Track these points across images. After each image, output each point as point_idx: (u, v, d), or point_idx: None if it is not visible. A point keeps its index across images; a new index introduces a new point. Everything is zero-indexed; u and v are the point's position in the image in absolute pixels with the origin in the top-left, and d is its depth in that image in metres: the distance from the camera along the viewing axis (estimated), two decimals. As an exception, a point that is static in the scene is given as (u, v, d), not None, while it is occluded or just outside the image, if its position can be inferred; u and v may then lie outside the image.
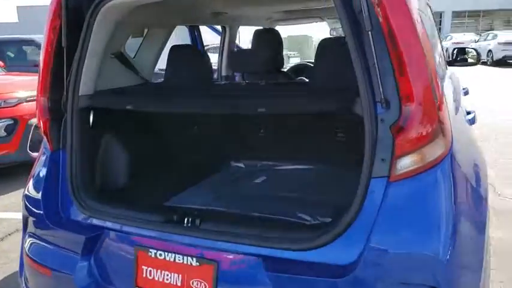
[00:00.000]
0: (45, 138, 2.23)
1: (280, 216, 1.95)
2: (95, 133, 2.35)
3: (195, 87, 2.49)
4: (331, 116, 2.06)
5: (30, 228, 2.19)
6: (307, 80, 3.06)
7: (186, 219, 1.82)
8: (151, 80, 2.91)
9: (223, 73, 4.16)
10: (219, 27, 4.29)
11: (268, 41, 2.96)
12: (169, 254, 1.78)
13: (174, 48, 2.67)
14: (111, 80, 2.40)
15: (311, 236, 1.61)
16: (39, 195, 2.13)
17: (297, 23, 4.76)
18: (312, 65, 2.85)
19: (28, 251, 2.16)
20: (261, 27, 4.01)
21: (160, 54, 3.06)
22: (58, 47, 2.16)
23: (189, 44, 3.56)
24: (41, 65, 2.22)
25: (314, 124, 2.33)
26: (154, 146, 2.88)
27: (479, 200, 1.71)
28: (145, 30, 3.01)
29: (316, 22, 4.62)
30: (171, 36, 3.11)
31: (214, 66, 4.77)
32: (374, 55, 1.52)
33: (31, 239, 2.17)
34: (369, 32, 1.52)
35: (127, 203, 2.09)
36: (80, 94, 2.18)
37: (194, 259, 1.73)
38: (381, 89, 1.54)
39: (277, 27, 4.29)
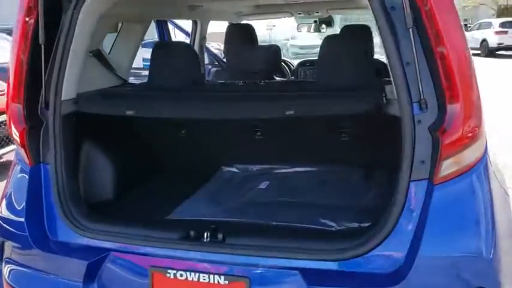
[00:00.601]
0: (21, 152, 1.92)
1: (303, 224, 1.84)
2: (80, 142, 2.09)
3: (195, 89, 2.29)
4: (337, 116, 1.99)
5: (9, 253, 1.89)
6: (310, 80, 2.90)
7: (205, 234, 1.65)
8: (128, 80, 2.66)
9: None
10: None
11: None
12: (192, 274, 1.61)
13: (160, 45, 2.44)
14: (88, 81, 2.13)
15: (351, 244, 1.52)
16: (20, 217, 1.84)
17: (266, 18, 4.64)
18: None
19: (9, 279, 1.87)
20: (233, 22, 3.88)
21: (136, 52, 2.80)
22: (34, 44, 1.87)
23: (180, 41, 3.29)
24: (13, 64, 1.90)
25: (316, 124, 2.25)
26: (139, 153, 2.64)
27: (506, 198, 1.73)
28: (119, 25, 2.74)
29: (285, 17, 4.56)
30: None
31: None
32: (414, 53, 1.47)
33: (10, 265, 1.87)
34: (410, 29, 1.47)
35: (127, 220, 1.87)
36: (62, 99, 1.91)
37: (222, 277, 1.58)
38: (420, 89, 1.49)
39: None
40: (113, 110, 1.97)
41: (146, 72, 2.47)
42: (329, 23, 4.84)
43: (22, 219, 1.83)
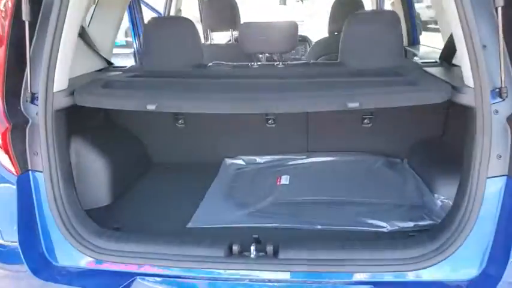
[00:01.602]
0: (4, 160, 1.52)
1: (351, 227, 1.65)
2: (71, 140, 1.72)
3: (208, 74, 1.97)
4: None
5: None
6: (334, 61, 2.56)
7: (251, 248, 1.40)
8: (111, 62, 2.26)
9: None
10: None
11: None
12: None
13: (155, 21, 2.07)
14: (72, 65, 1.74)
15: (428, 250, 1.36)
16: (12, 241, 1.46)
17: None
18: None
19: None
20: None
21: (118, 28, 2.38)
22: (15, 22, 1.47)
23: (178, 16, 2.85)
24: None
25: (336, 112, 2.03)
26: (133, 147, 2.29)
27: None
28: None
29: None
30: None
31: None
32: (500, 35, 1.29)
33: None
34: (499, 8, 1.28)
35: (147, 234, 1.56)
36: (55, 90, 1.53)
37: (282, 297, 1.35)
38: (502, 76, 1.32)
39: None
40: (128, 103, 1.61)
41: None
42: None
43: (15, 244, 1.45)
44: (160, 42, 2.07)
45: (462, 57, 1.40)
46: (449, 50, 2.00)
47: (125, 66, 2.22)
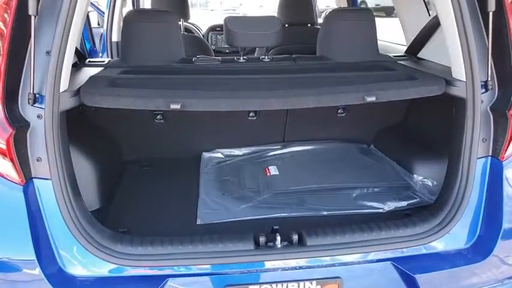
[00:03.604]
0: (8, 167, 1.37)
1: (352, 210, 1.78)
2: (74, 142, 1.61)
3: (207, 70, 1.93)
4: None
5: None
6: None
7: (277, 239, 1.47)
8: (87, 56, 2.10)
9: (115, 39, 3.33)
10: None
11: None
12: (279, 286, 1.43)
13: (134, 14, 1.96)
14: None
15: (434, 224, 1.54)
16: (30, 254, 1.34)
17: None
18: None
19: None
20: None
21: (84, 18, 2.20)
22: (18, 16, 1.33)
23: (158, 9, 2.64)
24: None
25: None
26: (112, 148, 2.17)
27: None
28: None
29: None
30: None
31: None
32: (490, 36, 1.49)
33: None
34: (490, 13, 1.48)
35: (168, 237, 1.52)
36: (61, 90, 1.41)
37: (314, 282, 1.44)
38: (489, 71, 1.53)
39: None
40: (151, 103, 1.53)
41: None
42: None
43: (32, 258, 1.34)
44: (142, 36, 1.99)
45: (454, 54, 1.59)
46: (417, 45, 2.24)
47: (102, 61, 2.08)
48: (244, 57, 2.14)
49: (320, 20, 4.50)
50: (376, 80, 1.73)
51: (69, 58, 1.44)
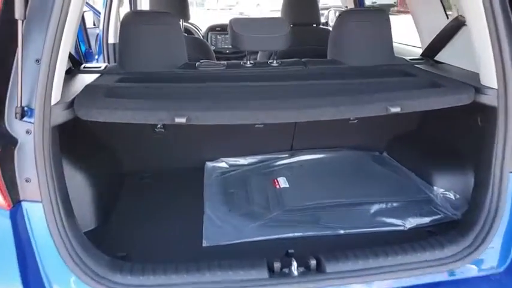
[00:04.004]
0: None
1: (371, 228, 1.65)
2: (68, 154, 1.46)
3: (214, 76, 1.78)
4: None
5: None
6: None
7: (293, 264, 1.33)
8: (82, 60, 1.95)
9: (111, 40, 3.18)
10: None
11: None
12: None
13: (133, 16, 1.82)
14: None
15: (464, 246, 1.41)
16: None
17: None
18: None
19: None
20: None
21: (79, 21, 2.05)
22: (5, 21, 1.18)
23: (157, 11, 2.48)
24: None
25: None
26: (110, 160, 2.02)
27: None
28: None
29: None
30: None
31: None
32: None
33: None
34: None
35: (172, 264, 1.38)
36: (53, 103, 1.26)
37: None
38: None
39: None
40: (153, 116, 1.38)
41: None
42: None
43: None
44: (141, 40, 1.84)
45: (483, 59, 1.46)
46: (435, 47, 2.10)
47: (98, 67, 1.93)
48: (251, 61, 1.99)
49: (323, 19, 4.38)
50: (398, 88, 1.60)
51: (62, 66, 1.30)
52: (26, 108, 1.25)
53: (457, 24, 1.92)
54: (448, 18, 2.11)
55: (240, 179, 2.11)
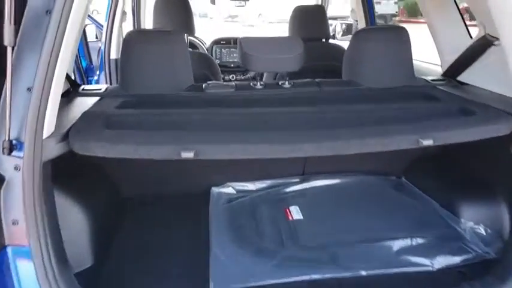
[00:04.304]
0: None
1: (396, 268, 1.49)
2: (61, 184, 1.32)
3: (220, 100, 1.64)
4: None
5: None
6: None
7: None
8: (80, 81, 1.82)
9: (114, 56, 3.05)
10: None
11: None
12: None
13: (138, 34, 1.69)
14: None
15: None
16: None
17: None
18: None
19: None
20: None
21: (78, 41, 1.92)
22: None
23: (165, 30, 2.35)
24: None
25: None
26: (106, 187, 1.87)
27: None
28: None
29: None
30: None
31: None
32: None
33: None
34: None
35: None
36: (44, 136, 1.13)
37: None
38: None
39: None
40: (156, 151, 1.24)
41: None
42: None
43: None
44: (145, 60, 1.71)
45: None
46: (458, 67, 1.97)
47: (98, 89, 1.79)
48: (261, 82, 1.86)
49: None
50: (426, 115, 1.46)
51: (56, 94, 1.17)
52: (14, 142, 1.12)
53: (485, 44, 1.79)
54: (471, 37, 1.98)
55: (249, 208, 1.96)
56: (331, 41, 3.41)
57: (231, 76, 4.11)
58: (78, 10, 1.18)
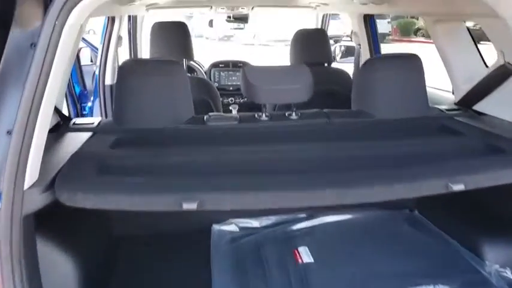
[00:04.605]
0: None
1: None
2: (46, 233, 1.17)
3: (224, 136, 1.52)
4: None
5: None
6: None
7: None
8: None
9: (109, 82, 2.93)
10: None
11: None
12: None
13: (133, 64, 1.57)
14: None
15: None
16: None
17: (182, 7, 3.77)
18: None
19: None
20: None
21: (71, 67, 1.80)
22: None
23: (164, 59, 2.23)
24: None
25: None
26: (100, 228, 1.72)
27: None
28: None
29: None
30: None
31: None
32: None
33: None
34: None
35: None
36: (26, 187, 0.99)
37: None
38: None
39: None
40: (156, 202, 1.10)
41: None
42: (246, 19, 4.35)
43: None
44: (142, 92, 1.59)
45: None
46: (474, 96, 1.86)
47: (91, 123, 1.66)
48: (266, 113, 1.74)
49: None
50: (451, 153, 1.33)
51: (41, 137, 1.03)
52: (-8, 194, 0.98)
53: (504, 73, 1.69)
54: (486, 65, 1.89)
55: (254, 249, 1.81)
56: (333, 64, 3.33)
57: (229, 99, 4.05)
58: (68, 41, 1.06)
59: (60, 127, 1.59)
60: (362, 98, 1.82)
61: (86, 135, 1.52)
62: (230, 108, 4.13)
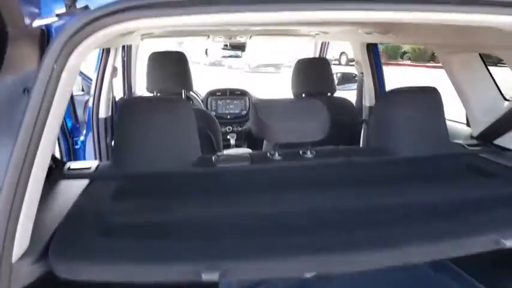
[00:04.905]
0: None
1: None
2: None
3: (234, 182, 1.38)
4: None
5: None
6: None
7: None
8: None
9: (103, 115, 2.79)
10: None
11: None
12: None
13: (135, 103, 1.44)
14: None
15: None
16: None
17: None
18: None
19: None
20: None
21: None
22: None
23: (168, 97, 2.10)
24: None
25: None
26: None
27: None
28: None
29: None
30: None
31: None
32: None
33: None
34: None
35: None
36: (14, 259, 0.84)
37: None
38: None
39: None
40: (169, 272, 0.95)
41: None
42: (243, 47, 4.29)
43: None
44: (146, 133, 1.45)
45: None
46: (494, 131, 1.76)
47: (87, 168, 1.51)
48: (279, 152, 1.61)
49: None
50: (493, 201, 1.21)
51: (34, 196, 0.89)
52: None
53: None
54: (504, 98, 1.81)
55: None
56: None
57: (227, 128, 3.97)
58: (67, 84, 0.94)
59: (53, 172, 1.44)
60: (380, 134, 1.71)
61: (82, 184, 1.36)
62: (228, 137, 4.02)
